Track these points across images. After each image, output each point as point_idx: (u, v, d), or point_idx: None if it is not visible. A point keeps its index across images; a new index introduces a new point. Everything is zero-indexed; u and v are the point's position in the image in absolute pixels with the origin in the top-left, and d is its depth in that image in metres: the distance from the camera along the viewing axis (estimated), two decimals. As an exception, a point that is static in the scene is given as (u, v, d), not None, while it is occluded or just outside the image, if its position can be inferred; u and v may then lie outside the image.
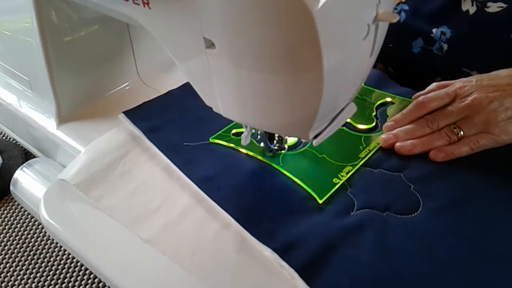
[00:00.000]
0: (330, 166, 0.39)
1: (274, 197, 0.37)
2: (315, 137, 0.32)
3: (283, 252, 0.32)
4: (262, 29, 0.25)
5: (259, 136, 0.41)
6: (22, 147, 0.60)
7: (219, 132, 0.43)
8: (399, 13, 0.55)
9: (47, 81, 0.46)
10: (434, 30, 0.52)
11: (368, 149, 0.41)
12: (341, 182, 0.38)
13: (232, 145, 0.42)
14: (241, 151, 0.42)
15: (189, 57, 0.31)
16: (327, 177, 0.38)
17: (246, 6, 0.24)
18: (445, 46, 0.51)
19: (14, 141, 0.62)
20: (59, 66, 0.46)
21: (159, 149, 0.42)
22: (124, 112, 0.46)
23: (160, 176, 0.40)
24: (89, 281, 0.45)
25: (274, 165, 0.40)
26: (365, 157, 0.40)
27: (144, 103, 0.47)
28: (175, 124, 0.45)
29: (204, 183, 0.38)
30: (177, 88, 0.49)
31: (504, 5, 0.47)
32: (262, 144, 0.41)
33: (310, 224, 0.34)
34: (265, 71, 0.27)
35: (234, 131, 0.43)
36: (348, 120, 0.44)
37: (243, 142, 0.38)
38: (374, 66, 0.58)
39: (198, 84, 0.33)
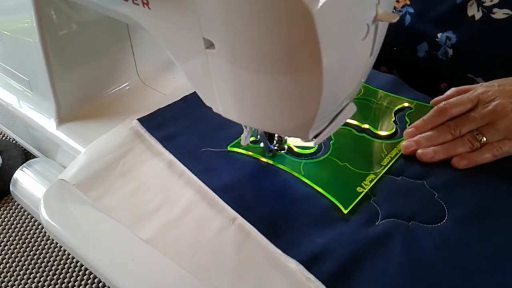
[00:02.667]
0: (352, 174, 0.39)
1: (297, 206, 0.36)
2: (315, 137, 0.32)
3: (309, 264, 0.32)
4: (262, 29, 0.25)
5: (258, 136, 0.41)
6: (22, 147, 0.60)
7: (237, 140, 0.42)
8: (404, 15, 0.55)
9: (47, 81, 0.46)
10: (439, 35, 0.51)
11: (390, 156, 0.41)
12: (365, 191, 0.37)
13: (251, 153, 0.41)
14: (261, 159, 0.41)
15: (189, 57, 0.31)
16: (350, 186, 0.38)
17: (245, 6, 0.24)
18: (450, 51, 0.51)
19: (14, 141, 0.62)
20: (58, 66, 0.46)
21: (176, 157, 0.41)
22: (138, 120, 0.45)
23: (160, 176, 0.40)
24: (89, 281, 0.45)
25: (295, 174, 0.39)
26: (387, 164, 0.40)
27: (158, 109, 0.46)
28: (191, 131, 0.44)
29: (224, 192, 0.37)
30: (191, 94, 0.48)
31: (511, 12, 0.46)
32: (262, 144, 0.41)
33: (335, 234, 0.34)
34: (264, 71, 0.27)
35: (252, 138, 0.42)
36: (367, 126, 0.44)
37: (242, 143, 0.38)
38: (378, 69, 0.58)
39: (198, 84, 0.33)
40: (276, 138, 0.41)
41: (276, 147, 0.41)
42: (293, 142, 0.42)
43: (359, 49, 0.28)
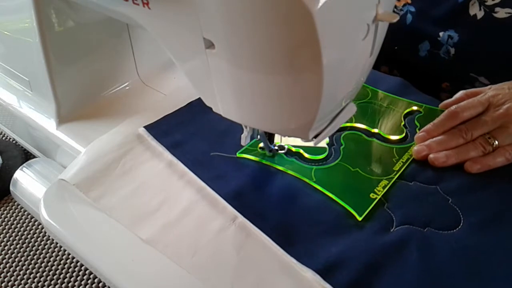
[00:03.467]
0: (364, 180, 0.39)
1: (310, 214, 0.36)
2: (315, 137, 0.32)
3: (326, 274, 0.31)
4: (262, 29, 0.25)
5: (259, 136, 0.41)
6: (22, 147, 0.60)
7: (245, 146, 0.42)
8: (405, 15, 0.55)
9: (47, 81, 0.46)
10: (441, 34, 0.51)
11: (402, 161, 0.40)
12: (379, 197, 0.37)
13: (261, 159, 0.41)
14: (271, 166, 0.40)
15: (189, 57, 0.31)
16: (363, 193, 0.37)
17: (245, 6, 0.24)
18: (452, 50, 0.51)
19: (14, 141, 0.62)
20: (58, 66, 0.46)
21: (184, 164, 0.40)
22: (145, 127, 0.44)
23: (160, 176, 0.40)
24: (89, 281, 0.45)
25: (307, 180, 0.39)
26: (399, 169, 0.39)
27: (165, 116, 0.46)
28: (199, 137, 0.43)
29: (235, 199, 0.37)
30: (196, 100, 0.47)
31: None
32: (262, 144, 0.41)
33: (350, 242, 0.33)
34: (264, 71, 0.27)
35: (261, 144, 0.42)
36: (377, 131, 0.44)
37: (242, 143, 0.38)
38: (378, 69, 0.58)
39: (198, 84, 0.33)
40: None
41: (276, 147, 0.41)
42: (293, 142, 0.42)
43: (359, 49, 0.28)
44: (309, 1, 0.22)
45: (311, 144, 0.41)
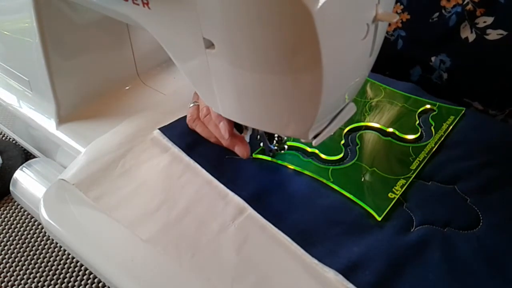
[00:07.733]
0: (382, 180, 0.38)
1: (329, 214, 0.36)
2: (315, 137, 0.32)
3: (348, 273, 0.31)
4: (262, 29, 0.25)
5: (258, 136, 0.41)
6: (22, 147, 0.60)
7: (261, 147, 0.42)
8: (396, 40, 0.54)
9: (47, 81, 0.46)
10: (433, 59, 0.50)
11: (418, 160, 0.40)
12: (397, 197, 0.37)
13: (277, 160, 0.41)
14: (288, 166, 0.40)
15: (189, 57, 0.31)
16: (381, 192, 0.37)
17: (245, 6, 0.24)
18: (445, 75, 0.50)
19: (14, 141, 0.62)
20: (58, 66, 0.46)
21: (201, 166, 0.40)
22: (160, 129, 0.44)
23: (159, 176, 0.40)
24: (89, 281, 0.45)
25: (324, 180, 0.39)
26: (416, 168, 0.39)
27: (178, 119, 0.45)
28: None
29: (253, 200, 0.37)
30: None
31: (505, 33, 0.45)
32: (262, 144, 0.41)
33: (371, 242, 0.33)
34: (264, 71, 0.27)
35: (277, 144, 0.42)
36: (392, 130, 0.44)
37: (242, 142, 0.38)
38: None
39: (198, 84, 0.33)
40: (276, 138, 0.41)
41: (276, 147, 0.41)
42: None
43: (359, 49, 0.28)
44: (308, 1, 0.22)
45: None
